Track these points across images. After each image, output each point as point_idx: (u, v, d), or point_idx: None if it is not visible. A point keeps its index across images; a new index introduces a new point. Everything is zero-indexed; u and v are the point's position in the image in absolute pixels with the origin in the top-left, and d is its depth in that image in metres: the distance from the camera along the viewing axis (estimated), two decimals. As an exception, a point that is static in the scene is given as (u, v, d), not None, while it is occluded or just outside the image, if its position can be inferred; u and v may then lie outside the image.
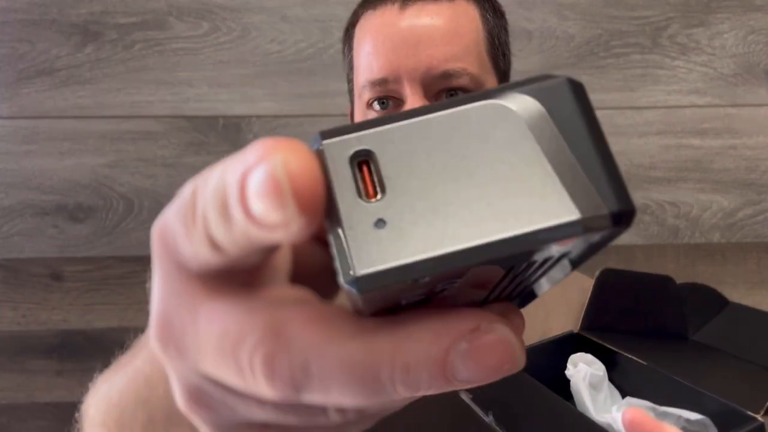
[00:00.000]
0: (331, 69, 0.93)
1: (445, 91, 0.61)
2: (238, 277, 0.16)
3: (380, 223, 0.14)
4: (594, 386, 0.52)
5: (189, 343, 0.16)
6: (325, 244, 0.15)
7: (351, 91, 0.70)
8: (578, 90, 0.15)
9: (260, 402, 0.16)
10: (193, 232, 0.15)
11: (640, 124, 0.93)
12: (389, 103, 0.63)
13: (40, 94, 0.93)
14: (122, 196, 0.94)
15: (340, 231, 0.14)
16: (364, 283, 0.13)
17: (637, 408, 0.44)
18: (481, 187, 0.14)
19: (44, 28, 0.93)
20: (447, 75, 0.61)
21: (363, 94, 0.64)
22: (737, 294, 0.80)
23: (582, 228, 0.13)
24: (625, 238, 0.92)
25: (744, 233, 0.93)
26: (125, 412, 0.30)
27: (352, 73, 0.68)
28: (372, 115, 0.65)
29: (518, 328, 0.15)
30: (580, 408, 0.51)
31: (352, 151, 0.14)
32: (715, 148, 0.93)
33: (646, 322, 0.63)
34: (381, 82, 0.62)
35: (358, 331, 0.15)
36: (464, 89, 0.62)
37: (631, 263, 0.91)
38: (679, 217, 0.93)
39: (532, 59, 0.91)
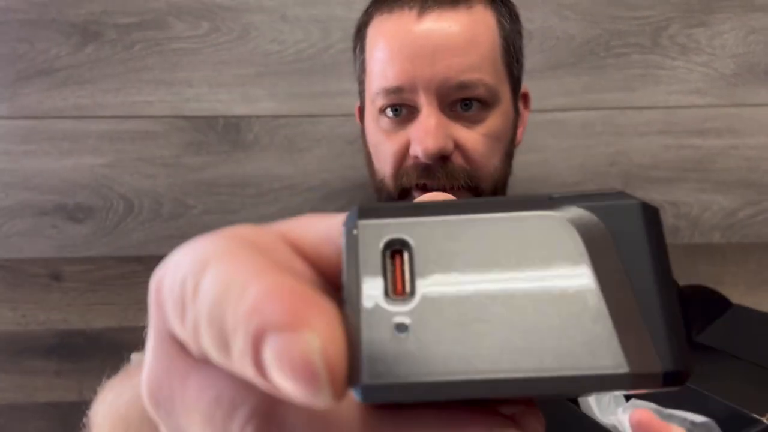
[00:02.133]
0: (331, 69, 0.93)
1: (460, 101, 0.61)
2: None
3: (402, 327, 0.12)
4: (599, 388, 0.52)
5: (177, 408, 0.15)
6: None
7: (362, 92, 0.69)
8: (652, 217, 0.13)
9: None
10: (183, 330, 0.14)
11: (640, 123, 0.93)
12: (402, 111, 0.62)
13: (39, 94, 0.92)
14: (122, 196, 0.93)
15: (357, 326, 0.12)
16: (369, 393, 0.12)
17: (645, 409, 0.44)
18: (520, 309, 0.12)
19: (43, 28, 0.92)
20: (463, 86, 0.60)
21: (376, 101, 0.63)
22: (738, 294, 0.80)
23: (629, 384, 0.12)
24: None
25: (744, 233, 0.93)
26: (131, 426, 0.30)
27: (364, 75, 0.67)
28: (384, 120, 0.64)
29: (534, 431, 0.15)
30: (584, 410, 0.51)
31: (387, 239, 0.13)
32: (716, 148, 0.93)
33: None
34: (396, 91, 0.61)
35: (358, 422, 0.14)
36: (479, 100, 0.61)
37: (632, 263, 0.91)
38: (679, 217, 0.93)
39: (532, 59, 0.91)
